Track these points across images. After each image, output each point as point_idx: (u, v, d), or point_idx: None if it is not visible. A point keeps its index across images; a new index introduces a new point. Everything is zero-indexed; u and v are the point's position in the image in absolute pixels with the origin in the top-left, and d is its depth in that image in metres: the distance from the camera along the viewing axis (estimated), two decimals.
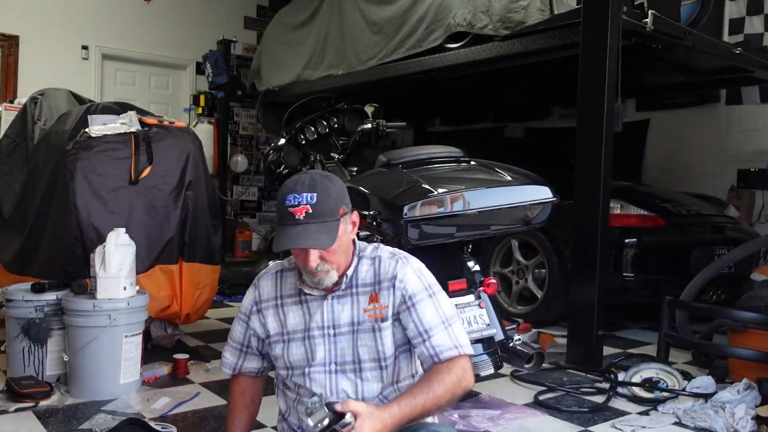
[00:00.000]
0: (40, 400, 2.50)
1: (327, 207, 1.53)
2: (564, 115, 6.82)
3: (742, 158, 5.61)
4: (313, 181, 1.54)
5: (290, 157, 3.29)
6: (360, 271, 1.64)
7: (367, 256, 1.67)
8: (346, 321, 1.63)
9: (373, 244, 1.71)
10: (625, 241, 3.87)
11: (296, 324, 1.65)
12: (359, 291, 1.64)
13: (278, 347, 1.67)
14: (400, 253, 1.68)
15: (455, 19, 4.35)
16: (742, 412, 2.40)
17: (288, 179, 1.61)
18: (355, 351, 1.62)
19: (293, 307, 1.67)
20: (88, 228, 2.96)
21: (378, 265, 1.64)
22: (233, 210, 8.06)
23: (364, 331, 1.62)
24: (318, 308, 1.64)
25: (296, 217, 1.51)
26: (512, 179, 2.40)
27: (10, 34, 6.52)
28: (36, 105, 3.80)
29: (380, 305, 1.61)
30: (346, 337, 1.63)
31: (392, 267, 1.63)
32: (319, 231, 1.51)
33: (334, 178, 1.61)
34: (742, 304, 3.29)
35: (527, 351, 2.39)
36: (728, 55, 4.29)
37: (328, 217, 1.53)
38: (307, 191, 1.53)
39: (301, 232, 1.51)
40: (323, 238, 1.51)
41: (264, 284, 1.71)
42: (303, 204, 1.52)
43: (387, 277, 1.62)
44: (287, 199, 1.54)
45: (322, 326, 1.63)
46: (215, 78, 6.65)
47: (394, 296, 1.61)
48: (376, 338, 1.61)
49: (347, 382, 1.63)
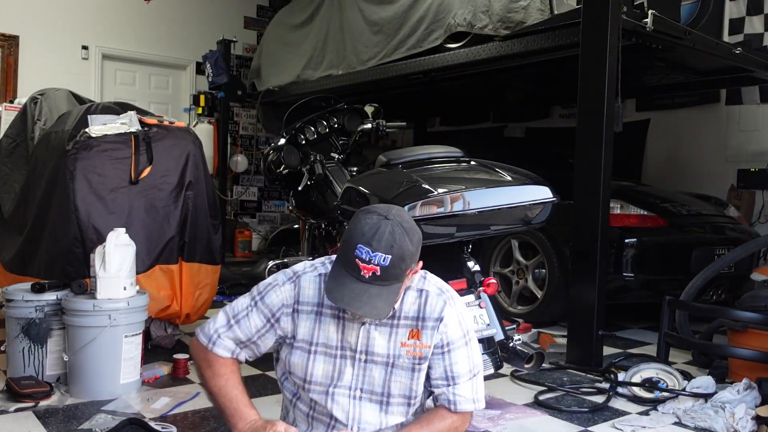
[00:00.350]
0: (40, 400, 2.50)
1: (397, 272, 1.43)
2: (564, 115, 6.83)
3: (742, 158, 5.62)
4: (392, 237, 1.42)
5: (290, 157, 3.29)
6: (404, 302, 1.58)
7: (413, 287, 1.60)
8: (382, 351, 1.57)
9: (419, 273, 1.63)
10: (625, 241, 3.87)
11: (329, 339, 1.58)
12: (400, 323, 1.58)
13: (299, 355, 1.60)
14: (447, 291, 1.63)
15: (455, 19, 4.35)
16: (742, 412, 2.40)
17: (366, 218, 1.45)
18: (386, 384, 1.58)
19: (331, 320, 1.59)
20: (88, 228, 2.96)
21: (424, 301, 1.58)
22: (233, 210, 8.06)
23: (402, 367, 1.58)
24: (354, 329, 1.58)
25: (361, 273, 1.41)
26: (512, 179, 2.40)
27: (10, 34, 6.52)
28: (36, 105, 3.80)
29: (422, 344, 1.57)
30: (379, 368, 1.58)
31: (440, 307, 1.58)
32: (380, 296, 1.43)
33: (414, 232, 1.48)
34: (742, 304, 3.28)
35: (527, 351, 2.39)
36: (728, 55, 4.29)
37: (394, 281, 1.44)
38: (383, 251, 1.41)
39: (362, 293, 1.42)
40: (381, 305, 1.43)
41: (306, 285, 1.60)
42: (374, 264, 1.41)
43: (433, 316, 1.57)
44: (359, 249, 1.41)
45: (355, 350, 1.58)
46: (215, 78, 6.65)
47: (436, 337, 1.57)
48: (413, 377, 1.58)
49: (371, 413, 1.59)
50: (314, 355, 1.59)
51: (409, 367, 1.58)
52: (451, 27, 4.41)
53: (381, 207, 1.50)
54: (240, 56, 7.83)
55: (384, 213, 1.46)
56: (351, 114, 3.48)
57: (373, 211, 1.48)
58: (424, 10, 4.64)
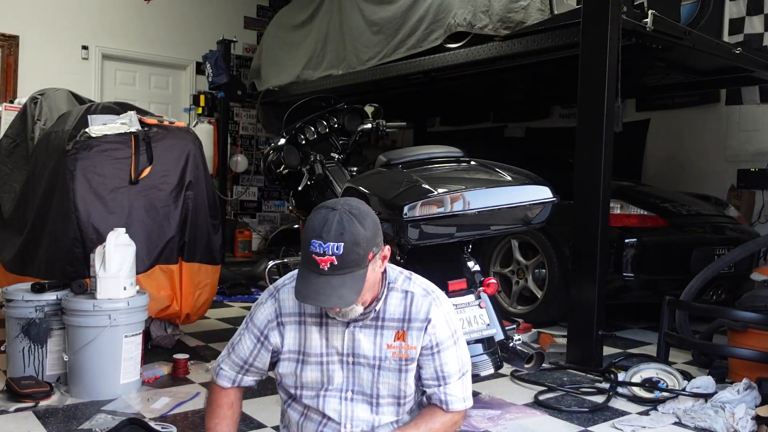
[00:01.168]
0: (40, 400, 2.50)
1: (354, 257, 1.41)
2: (564, 115, 6.83)
3: (742, 158, 5.62)
4: (340, 226, 1.41)
5: (290, 157, 3.28)
6: (389, 303, 1.58)
7: (397, 288, 1.59)
8: (368, 353, 1.57)
9: (404, 274, 1.64)
10: (625, 241, 3.87)
11: (315, 347, 1.59)
12: (385, 325, 1.58)
13: (290, 365, 1.61)
14: (432, 291, 1.62)
15: (455, 19, 4.35)
16: (742, 412, 2.40)
17: (315, 213, 1.46)
18: (374, 386, 1.59)
19: (314, 327, 1.59)
20: (88, 228, 2.96)
21: (410, 302, 1.58)
22: (233, 210, 8.06)
23: (388, 369, 1.58)
24: (338, 333, 1.58)
25: (320, 267, 1.41)
26: (512, 179, 2.40)
27: (10, 34, 6.52)
28: (36, 105, 3.80)
29: (407, 345, 1.57)
30: (366, 369, 1.58)
31: (425, 308, 1.57)
32: (344, 285, 1.42)
33: (365, 216, 1.46)
34: (742, 304, 3.28)
35: (527, 351, 2.39)
36: (728, 55, 4.29)
37: (355, 267, 1.42)
38: (334, 240, 1.40)
39: (324, 285, 1.42)
40: (346, 293, 1.42)
41: (286, 297, 1.61)
42: (328, 255, 1.40)
43: (419, 317, 1.57)
44: (312, 244, 1.41)
45: (342, 353, 1.58)
46: (215, 78, 6.65)
47: (423, 339, 1.57)
48: (400, 378, 1.58)
49: (363, 411, 1.60)
50: (303, 364, 1.60)
51: (395, 369, 1.58)
52: (451, 27, 4.41)
53: (331, 201, 1.52)
54: (240, 56, 7.83)
55: (332, 205, 1.47)
56: (351, 114, 3.47)
57: (322, 206, 1.49)
58: (424, 10, 4.64)
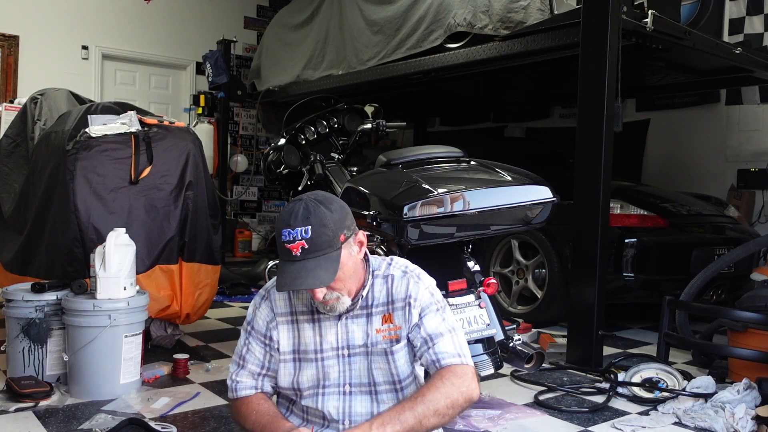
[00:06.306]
0: (40, 400, 2.50)
1: (324, 239, 1.46)
2: (564, 115, 6.83)
3: (742, 158, 5.62)
4: (306, 211, 1.46)
5: (290, 157, 3.29)
6: (374, 290, 1.61)
7: (380, 274, 1.62)
8: (360, 342, 1.59)
9: (386, 260, 1.67)
10: (625, 241, 3.87)
11: (309, 344, 1.60)
12: (373, 311, 1.60)
13: (288, 366, 1.62)
14: (412, 270, 1.65)
15: (455, 19, 4.35)
16: (742, 412, 2.40)
17: (284, 209, 1.53)
18: (370, 374, 1.59)
19: (306, 325, 1.61)
20: (88, 228, 2.96)
21: (390, 284, 1.61)
22: (233, 210, 8.07)
23: (377, 353, 1.59)
24: (331, 328, 1.60)
25: (293, 254, 1.45)
26: (512, 179, 2.40)
27: (10, 34, 6.52)
28: (36, 105, 3.80)
29: (394, 326, 1.59)
30: (360, 359, 1.59)
31: (405, 286, 1.60)
32: (318, 267, 1.45)
33: (331, 201, 1.52)
34: (742, 304, 3.29)
35: (527, 351, 2.39)
36: (728, 55, 4.29)
37: (328, 249, 1.46)
38: (301, 225, 1.45)
39: (300, 270, 1.45)
40: (322, 274, 1.45)
41: (276, 297, 1.64)
42: (298, 240, 1.45)
43: (400, 296, 1.59)
44: (282, 234, 1.47)
45: (336, 347, 1.59)
46: (215, 78, 6.65)
47: (411, 315, 1.58)
48: (389, 361, 1.59)
49: (362, 405, 1.60)
50: (300, 363, 1.61)
51: (383, 352, 1.59)
52: (451, 27, 4.41)
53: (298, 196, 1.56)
54: (240, 56, 7.83)
55: (298, 198, 1.53)
56: (351, 114, 3.47)
57: (290, 202, 1.55)
58: (424, 10, 4.64)
